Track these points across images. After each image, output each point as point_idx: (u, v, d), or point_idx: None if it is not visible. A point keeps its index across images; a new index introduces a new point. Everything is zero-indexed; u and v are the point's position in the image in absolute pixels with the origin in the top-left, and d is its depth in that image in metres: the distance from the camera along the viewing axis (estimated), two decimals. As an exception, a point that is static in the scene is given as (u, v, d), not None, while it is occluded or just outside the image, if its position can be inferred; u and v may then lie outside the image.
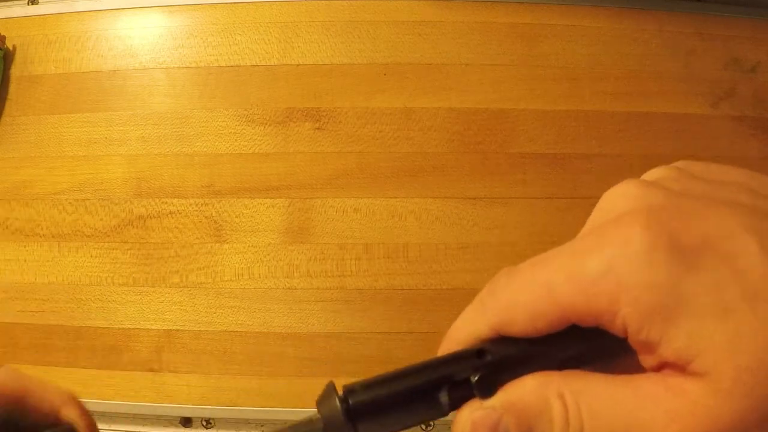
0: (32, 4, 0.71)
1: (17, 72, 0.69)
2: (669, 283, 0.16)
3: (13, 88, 0.69)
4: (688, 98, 0.67)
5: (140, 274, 0.64)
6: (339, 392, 0.20)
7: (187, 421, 0.63)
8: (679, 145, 0.66)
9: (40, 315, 0.64)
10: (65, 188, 0.66)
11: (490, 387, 0.19)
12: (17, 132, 0.68)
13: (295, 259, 0.64)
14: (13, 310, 0.65)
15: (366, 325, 0.62)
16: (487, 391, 0.19)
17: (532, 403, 0.19)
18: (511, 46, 0.67)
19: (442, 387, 0.20)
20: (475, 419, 0.19)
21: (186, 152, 0.66)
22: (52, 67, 0.69)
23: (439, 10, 0.68)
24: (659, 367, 0.18)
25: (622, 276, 0.17)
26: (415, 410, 0.20)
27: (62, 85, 0.69)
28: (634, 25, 0.68)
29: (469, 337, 0.20)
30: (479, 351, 0.20)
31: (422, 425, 0.61)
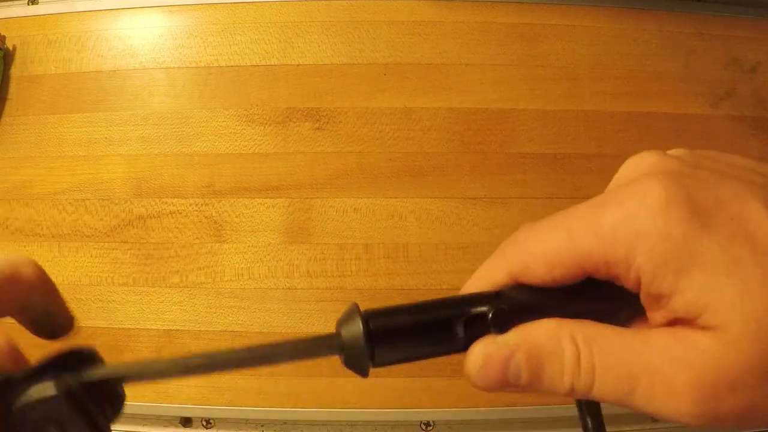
0: (32, 4, 0.71)
1: (17, 72, 0.69)
2: (683, 236, 0.17)
3: (13, 88, 0.69)
4: (688, 98, 0.67)
5: (140, 274, 0.64)
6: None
7: (187, 421, 0.63)
8: (679, 145, 0.65)
9: (40, 315, 0.64)
10: (65, 188, 0.66)
11: (506, 324, 0.20)
12: (17, 132, 0.68)
13: (295, 259, 0.64)
14: (13, 310, 0.65)
15: (366, 325, 0.62)
16: (503, 327, 0.20)
17: (545, 342, 0.19)
18: (511, 46, 0.67)
19: (459, 321, 0.20)
20: (488, 353, 0.19)
21: (186, 152, 0.66)
22: (52, 67, 0.69)
23: (439, 10, 0.68)
24: (669, 324, 0.18)
25: (639, 227, 0.17)
26: (431, 340, 0.20)
27: (62, 85, 0.69)
28: (634, 25, 0.68)
29: (487, 283, 0.21)
30: (497, 293, 0.20)
31: (422, 425, 0.61)
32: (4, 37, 0.69)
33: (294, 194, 0.65)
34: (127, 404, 0.22)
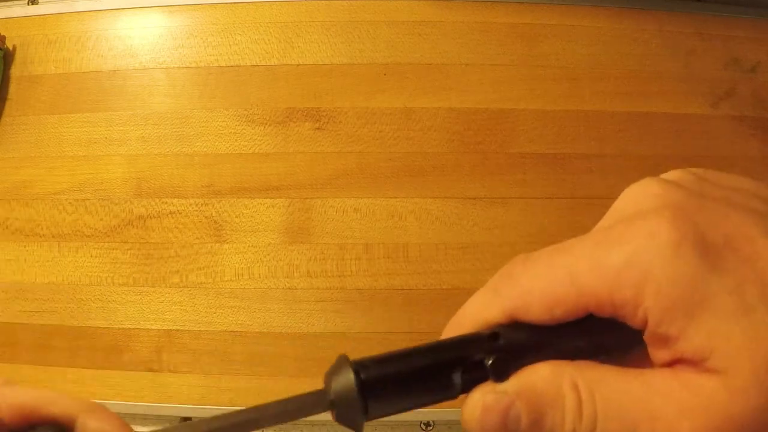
0: (32, 4, 0.71)
1: (17, 72, 0.69)
2: (694, 278, 0.17)
3: (13, 88, 0.69)
4: (688, 98, 0.67)
5: (140, 274, 0.64)
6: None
7: (187, 421, 0.63)
8: (679, 145, 0.66)
9: (40, 315, 0.64)
10: (65, 188, 0.66)
11: (505, 371, 0.19)
12: (17, 132, 0.68)
13: (295, 259, 0.64)
14: (13, 310, 0.65)
15: (366, 325, 0.62)
16: (502, 375, 0.19)
17: (545, 390, 0.19)
18: (511, 46, 0.67)
19: (456, 368, 0.19)
20: (486, 402, 0.19)
21: (186, 152, 0.66)
22: (52, 67, 0.69)
23: (439, 10, 0.68)
24: (672, 363, 0.18)
25: (648, 268, 0.17)
26: (427, 389, 0.19)
27: (62, 85, 0.69)
28: (634, 25, 0.68)
29: (478, 322, 0.20)
30: (493, 334, 0.19)
31: (422, 425, 0.61)
32: (4, 37, 0.69)
33: (294, 194, 0.65)
34: (127, 404, 0.22)
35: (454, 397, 0.20)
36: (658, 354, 0.18)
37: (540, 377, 0.19)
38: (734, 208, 0.18)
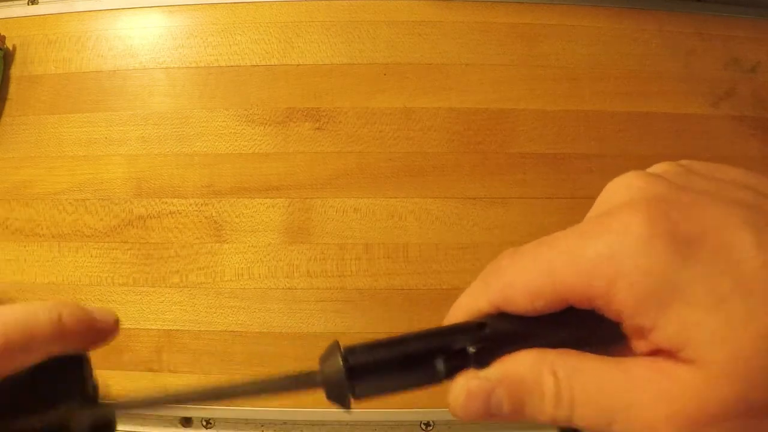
0: (32, 4, 0.71)
1: (17, 72, 0.69)
2: (665, 271, 0.17)
3: (13, 88, 0.69)
4: (688, 98, 0.67)
5: (140, 274, 0.64)
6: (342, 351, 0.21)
7: (187, 421, 0.63)
8: (679, 145, 0.66)
9: (40, 315, 0.64)
10: (65, 188, 0.66)
11: (487, 359, 0.20)
12: (17, 132, 0.68)
13: (295, 259, 0.64)
14: (13, 310, 0.65)
15: (366, 325, 0.62)
16: (484, 362, 0.20)
17: (526, 376, 0.19)
18: (511, 46, 0.67)
19: (439, 355, 0.20)
20: (470, 388, 0.20)
21: (186, 152, 0.66)
22: (52, 67, 0.69)
23: (439, 10, 0.68)
24: (651, 353, 0.18)
25: (620, 261, 0.17)
26: (411, 375, 0.21)
27: (62, 85, 0.69)
28: (634, 25, 0.68)
29: (470, 312, 0.21)
30: (479, 324, 0.20)
31: (422, 425, 0.61)
32: (4, 37, 0.69)
33: (294, 194, 0.65)
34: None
35: (438, 382, 0.21)
36: (637, 345, 0.18)
37: (521, 364, 0.19)
38: (716, 200, 0.18)
